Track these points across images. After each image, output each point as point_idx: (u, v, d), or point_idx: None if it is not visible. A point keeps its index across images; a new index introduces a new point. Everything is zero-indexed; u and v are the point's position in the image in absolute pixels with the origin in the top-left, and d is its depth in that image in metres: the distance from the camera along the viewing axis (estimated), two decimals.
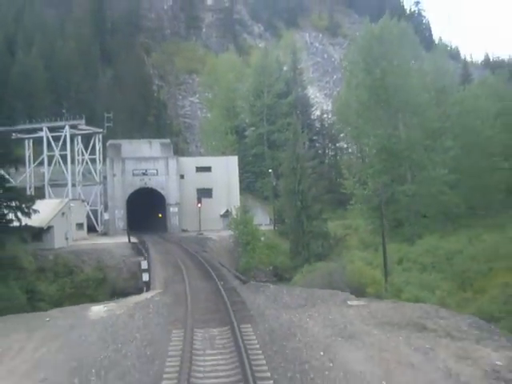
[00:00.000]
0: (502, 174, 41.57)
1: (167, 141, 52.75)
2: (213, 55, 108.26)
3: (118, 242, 38.24)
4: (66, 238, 35.93)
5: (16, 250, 30.14)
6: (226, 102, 63.96)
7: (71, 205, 37.04)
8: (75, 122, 42.70)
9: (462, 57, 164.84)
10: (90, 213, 44.57)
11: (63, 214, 35.70)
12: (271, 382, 8.89)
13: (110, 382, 9.22)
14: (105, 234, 44.68)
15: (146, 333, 12.24)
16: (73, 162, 44.61)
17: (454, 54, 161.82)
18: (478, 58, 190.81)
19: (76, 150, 45.46)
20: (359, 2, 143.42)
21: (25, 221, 28.45)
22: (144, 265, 23.01)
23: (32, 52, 72.33)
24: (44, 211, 32.54)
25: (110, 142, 48.34)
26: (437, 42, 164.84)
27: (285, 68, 71.26)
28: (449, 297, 21.27)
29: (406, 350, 11.01)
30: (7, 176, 31.24)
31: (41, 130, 42.21)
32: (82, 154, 46.28)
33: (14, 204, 28.39)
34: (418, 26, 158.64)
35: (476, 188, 39.72)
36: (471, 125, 40.84)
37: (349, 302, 16.04)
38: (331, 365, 9.91)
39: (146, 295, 17.99)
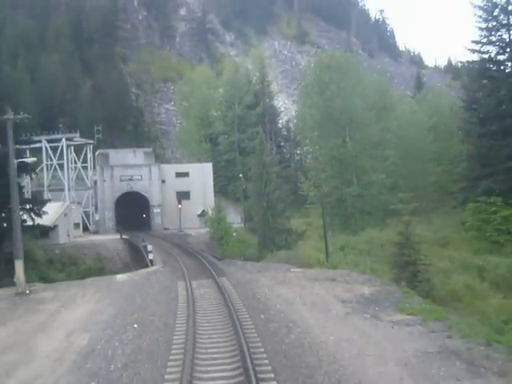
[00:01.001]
0: (434, 177, 50.67)
1: (149, 150, 60.26)
2: (186, 64, 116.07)
3: (111, 238, 45.78)
4: (68, 235, 43.27)
5: (30, 244, 37.27)
6: (201, 112, 71.81)
7: (72, 207, 44.35)
8: (71, 135, 49.97)
9: (425, 62, 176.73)
10: (83, 214, 51.81)
11: (65, 214, 43.04)
12: (237, 297, 16.83)
13: (147, 302, 17.02)
14: (96, 232, 52.00)
15: (161, 284, 20.10)
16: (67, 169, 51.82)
17: (417, 60, 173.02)
18: (442, 62, 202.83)
19: (69, 158, 52.61)
20: (326, 11, 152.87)
21: (36, 221, 35.85)
22: (150, 248, 30.67)
23: (18, 65, 78.60)
24: (50, 212, 39.85)
25: (98, 151, 55.64)
26: (401, 48, 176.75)
27: (254, 79, 79.46)
28: (369, 270, 29.50)
29: (316, 288, 19.09)
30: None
31: (40, 141, 49.27)
32: (75, 162, 53.46)
33: (27, 207, 35.65)
34: (383, 33, 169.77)
35: (412, 189, 48.56)
36: (408, 136, 49.80)
37: (291, 270, 24.15)
38: (270, 293, 17.92)
39: (152, 268, 25.86)
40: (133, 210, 54.85)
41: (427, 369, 10.08)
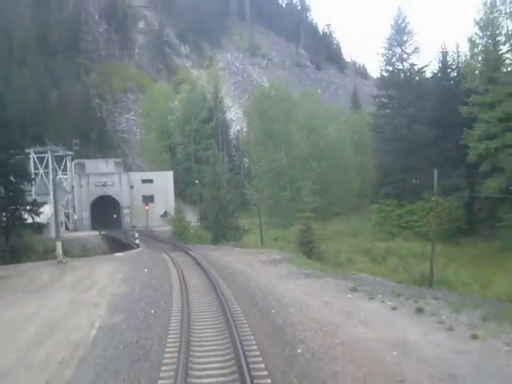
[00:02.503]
0: (354, 184, 64.78)
1: (119, 160, 71.82)
2: (145, 75, 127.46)
3: (91, 234, 57.35)
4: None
5: (30, 238, 48.71)
6: (161, 125, 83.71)
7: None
8: (54, 148, 61.07)
9: (370, 73, 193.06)
10: (64, 214, 62.97)
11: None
12: (201, 260, 29.45)
13: (146, 263, 29.36)
14: (75, 230, 63.21)
15: (150, 256, 32.51)
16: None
17: (361, 71, 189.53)
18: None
19: (52, 167, 63.55)
20: (277, 24, 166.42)
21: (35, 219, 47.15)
22: (136, 235, 42.79)
23: None
24: (44, 213, 51.15)
25: (76, 161, 66.85)
26: (347, 60, 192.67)
27: (209, 95, 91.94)
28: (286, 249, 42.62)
29: (247, 257, 31.95)
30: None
31: (29, 152, 60.03)
32: (56, 171, 64.42)
33: (28, 208, 46.97)
34: (330, 45, 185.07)
35: (337, 194, 62.49)
36: (334, 151, 63.71)
37: (234, 249, 37.01)
38: (220, 259, 30.63)
39: (139, 249, 38.16)
40: (106, 211, 66.14)
41: (288, 276, 23.06)
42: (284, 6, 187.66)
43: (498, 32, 47.93)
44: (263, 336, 12.79)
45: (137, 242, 41.72)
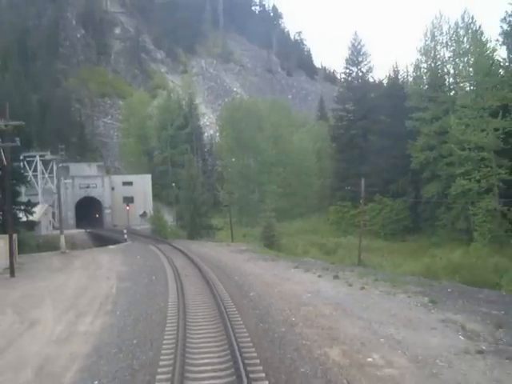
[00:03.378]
0: (316, 187, 72.71)
1: (101, 163, 78.43)
2: (121, 80, 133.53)
3: (78, 231, 63.88)
4: (46, 229, 60.93)
5: (24, 234, 55.07)
6: (139, 131, 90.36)
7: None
8: (43, 153, 67.35)
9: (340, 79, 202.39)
10: (51, 214, 69.30)
11: (45, 214, 60.73)
12: (183, 249, 36.71)
13: (137, 252, 36.47)
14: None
15: (138, 247, 39.62)
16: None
17: (332, 78, 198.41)
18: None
19: (39, 170, 69.90)
20: (250, 31, 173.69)
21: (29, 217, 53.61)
22: (125, 231, 49.76)
23: None
24: (35, 212, 57.56)
25: (61, 164, 72.99)
26: (318, 66, 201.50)
27: (184, 103, 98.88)
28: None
29: (219, 248, 39.38)
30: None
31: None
32: (43, 173, 70.73)
33: (22, 208, 53.43)
34: (301, 52, 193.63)
35: (300, 196, 70.30)
36: (299, 157, 71.49)
37: (208, 243, 44.37)
38: (197, 250, 37.97)
39: (128, 242, 45.15)
40: (89, 211, 72.68)
41: (250, 260, 30.53)
42: (257, 12, 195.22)
43: (436, 58, 56.53)
44: (230, 288, 20.23)
45: (125, 236, 48.75)
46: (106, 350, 12.72)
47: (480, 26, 50.34)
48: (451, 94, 57.00)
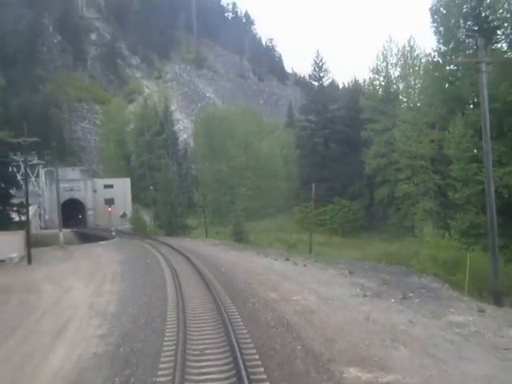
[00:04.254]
0: (283, 190, 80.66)
1: (84, 168, 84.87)
2: (98, 85, 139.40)
3: (64, 230, 70.28)
4: (35, 228, 67.36)
5: None
6: (118, 136, 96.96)
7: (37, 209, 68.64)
8: (30, 158, 73.52)
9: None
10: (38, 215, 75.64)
11: (35, 215, 67.16)
12: (165, 243, 44.07)
13: (127, 245, 43.69)
14: (46, 228, 75.89)
15: (127, 242, 46.96)
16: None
17: (303, 83, 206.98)
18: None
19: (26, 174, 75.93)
20: (223, 37, 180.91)
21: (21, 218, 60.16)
22: (113, 229, 56.68)
23: None
24: None
25: (46, 169, 79.46)
26: (289, 71, 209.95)
27: (160, 109, 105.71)
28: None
29: (195, 242, 46.90)
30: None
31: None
32: (30, 177, 76.86)
33: (15, 209, 59.97)
34: (272, 58, 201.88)
35: (269, 197, 78.15)
36: (266, 162, 79.34)
37: (185, 238, 51.82)
38: (179, 244, 45.41)
39: (115, 239, 52.21)
40: (73, 212, 79.14)
41: (222, 250, 38.18)
42: (230, 19, 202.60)
43: (388, 76, 65.07)
44: (207, 265, 27.83)
45: (113, 234, 55.75)
46: (128, 298, 20.23)
47: (423, 50, 59.05)
48: (402, 107, 65.65)
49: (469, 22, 42.55)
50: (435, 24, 46.07)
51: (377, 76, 65.02)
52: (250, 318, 15.91)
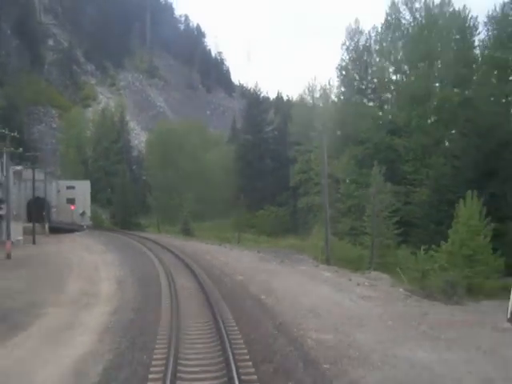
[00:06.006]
0: (225, 196, 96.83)
1: (49, 170, 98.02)
2: (54, 89, 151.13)
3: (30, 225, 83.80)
4: None
5: None
6: (78, 142, 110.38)
7: None
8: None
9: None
10: None
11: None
12: (131, 234, 59.22)
13: (102, 235, 58.62)
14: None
15: (98, 233, 61.76)
16: None
17: (248, 94, 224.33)
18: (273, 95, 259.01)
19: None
20: (175, 48, 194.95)
21: None
22: (84, 223, 70.91)
23: None
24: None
25: (13, 169, 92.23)
26: (236, 83, 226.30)
27: (116, 119, 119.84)
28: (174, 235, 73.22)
29: (158, 235, 62.37)
30: None
31: None
32: None
33: None
34: (221, 70, 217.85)
35: (210, 202, 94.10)
36: (210, 172, 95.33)
37: (143, 233, 67.16)
38: (137, 234, 60.72)
39: (86, 231, 66.74)
40: (38, 209, 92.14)
41: (175, 239, 53.90)
42: (182, 30, 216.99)
43: (312, 108, 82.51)
44: (166, 246, 43.56)
45: (84, 227, 70.09)
46: (123, 258, 35.80)
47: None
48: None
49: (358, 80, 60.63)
50: (339, 76, 64.02)
51: (302, 107, 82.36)
52: (198, 264, 32.02)
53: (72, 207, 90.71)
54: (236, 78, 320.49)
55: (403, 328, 17.31)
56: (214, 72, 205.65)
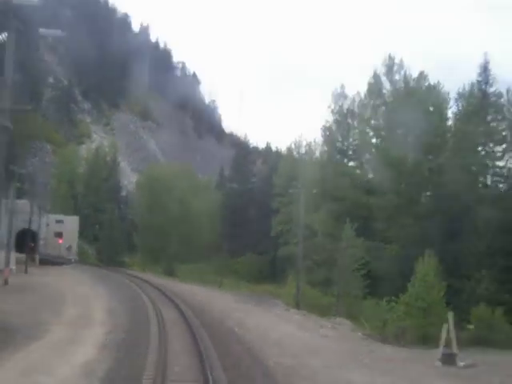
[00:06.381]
0: (207, 241, 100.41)
1: (41, 204, 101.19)
2: (50, 125, 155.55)
3: (20, 256, 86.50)
4: None
5: None
6: (70, 178, 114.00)
7: None
8: None
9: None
10: None
11: None
12: (114, 270, 62.42)
13: (87, 268, 61.78)
14: None
15: (85, 266, 64.87)
16: None
17: (237, 143, 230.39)
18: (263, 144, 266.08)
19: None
20: (170, 93, 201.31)
21: None
22: (71, 256, 73.79)
23: None
24: None
25: (3, 202, 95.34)
26: (227, 131, 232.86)
27: (108, 158, 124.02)
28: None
29: (136, 272, 65.59)
30: None
31: None
32: None
33: None
34: (213, 118, 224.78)
35: (198, 245, 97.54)
36: (196, 217, 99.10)
37: (128, 271, 70.30)
38: (122, 271, 63.90)
39: (73, 264, 69.72)
40: (26, 241, 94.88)
41: (154, 278, 57.22)
42: (178, 76, 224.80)
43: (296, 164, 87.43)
44: (151, 284, 46.96)
45: (72, 260, 73.02)
46: (111, 292, 39.20)
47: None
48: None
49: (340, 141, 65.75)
50: (323, 136, 69.15)
51: (288, 161, 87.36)
52: (182, 300, 35.56)
53: (60, 241, 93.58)
54: (227, 125, 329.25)
55: (350, 359, 21.14)
56: (206, 119, 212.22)
